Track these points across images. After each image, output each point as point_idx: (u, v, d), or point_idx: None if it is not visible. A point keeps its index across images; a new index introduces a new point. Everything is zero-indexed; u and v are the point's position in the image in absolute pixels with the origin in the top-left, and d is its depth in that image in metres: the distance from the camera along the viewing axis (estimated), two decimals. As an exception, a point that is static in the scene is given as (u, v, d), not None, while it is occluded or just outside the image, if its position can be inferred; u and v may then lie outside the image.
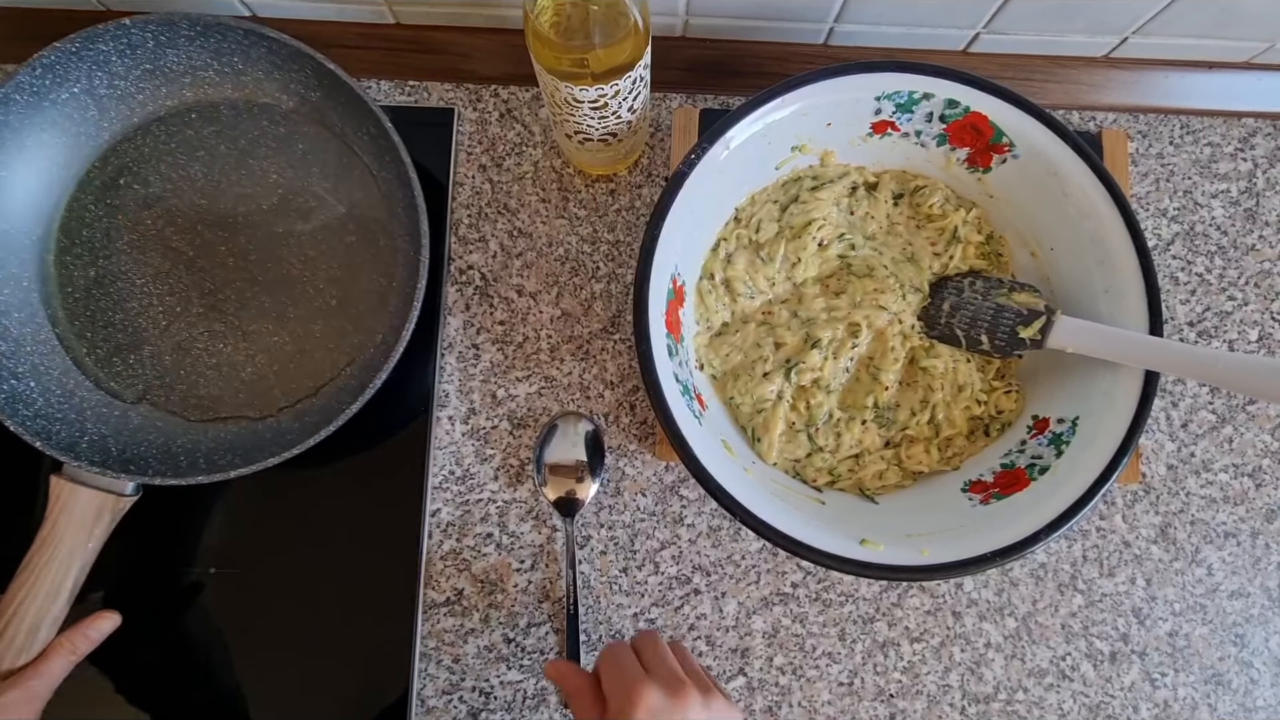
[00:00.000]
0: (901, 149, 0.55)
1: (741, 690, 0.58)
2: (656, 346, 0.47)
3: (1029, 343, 0.52)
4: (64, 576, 0.51)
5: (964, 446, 0.55)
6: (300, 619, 0.57)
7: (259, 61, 0.56)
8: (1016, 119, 0.51)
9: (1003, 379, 0.56)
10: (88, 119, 0.56)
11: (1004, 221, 0.56)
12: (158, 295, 0.58)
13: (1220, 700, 0.59)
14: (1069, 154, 0.50)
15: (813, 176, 0.56)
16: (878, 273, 0.55)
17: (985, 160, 0.54)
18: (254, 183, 0.59)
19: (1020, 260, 0.56)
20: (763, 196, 0.56)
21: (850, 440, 0.54)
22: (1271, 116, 0.66)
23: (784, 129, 0.52)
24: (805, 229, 0.55)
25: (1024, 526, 0.46)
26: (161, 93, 0.58)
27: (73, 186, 0.57)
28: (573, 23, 0.46)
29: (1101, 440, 0.48)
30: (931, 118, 0.53)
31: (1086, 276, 0.52)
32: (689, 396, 0.50)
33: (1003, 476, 0.51)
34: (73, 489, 0.51)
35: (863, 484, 0.54)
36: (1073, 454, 0.49)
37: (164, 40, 0.54)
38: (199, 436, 0.56)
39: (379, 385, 0.52)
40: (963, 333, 0.54)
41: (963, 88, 0.51)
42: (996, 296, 0.54)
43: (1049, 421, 0.51)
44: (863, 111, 0.52)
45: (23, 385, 0.53)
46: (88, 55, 0.53)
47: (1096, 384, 0.50)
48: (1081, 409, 0.50)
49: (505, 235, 0.63)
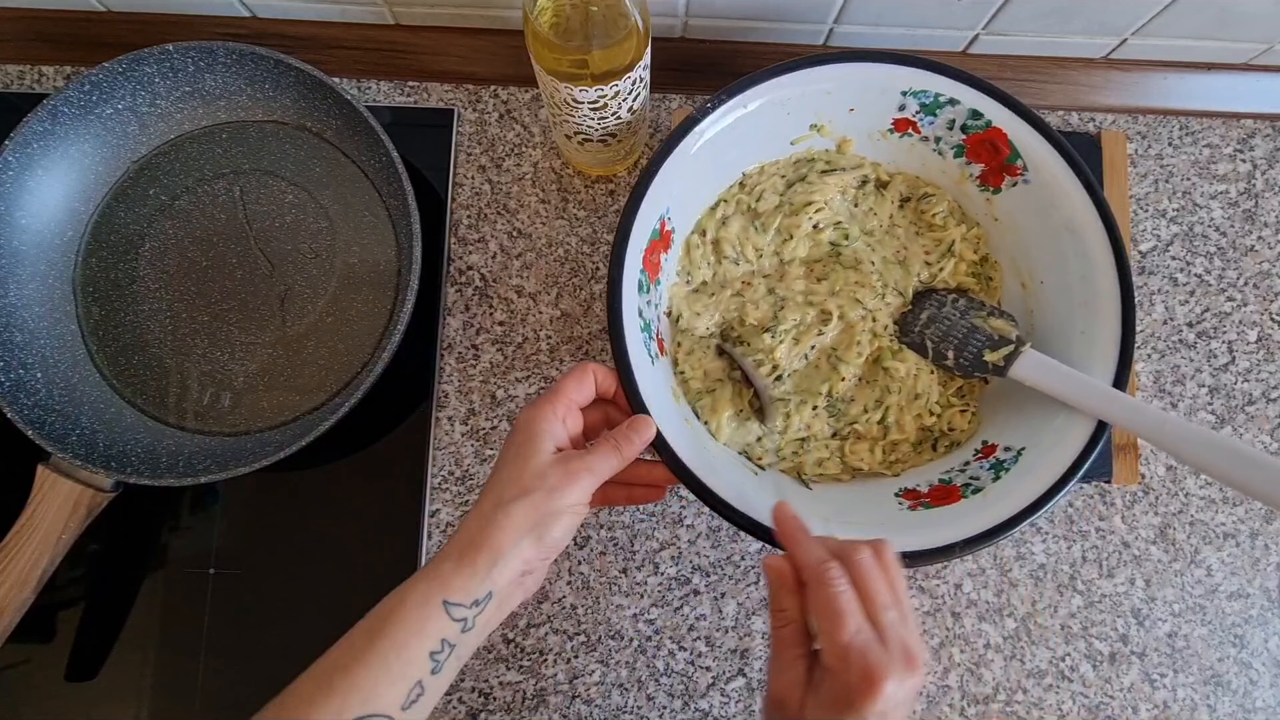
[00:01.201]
0: (919, 153, 0.55)
1: (741, 691, 0.58)
2: (628, 276, 0.48)
3: (991, 367, 0.52)
4: (34, 566, 0.52)
5: (908, 455, 0.54)
6: (300, 620, 0.57)
7: (287, 89, 0.60)
8: (1035, 143, 0.51)
9: (962, 398, 0.55)
10: (128, 134, 0.60)
11: (1002, 247, 0.56)
12: (167, 301, 0.60)
13: (1220, 701, 0.59)
14: (1079, 190, 0.50)
15: (826, 161, 0.56)
16: (864, 268, 0.55)
17: (997, 180, 0.54)
18: (271, 201, 0.61)
19: (1009, 289, 0.56)
20: (773, 168, 0.56)
21: (799, 423, 0.54)
22: (1270, 118, 0.66)
23: (806, 104, 0.52)
24: (804, 208, 0.55)
25: (939, 536, 0.46)
26: (198, 113, 0.61)
27: (107, 194, 0.60)
28: (572, 24, 0.46)
29: (1039, 473, 0.47)
30: (953, 125, 0.53)
31: (1068, 315, 0.51)
32: (648, 335, 0.50)
33: (937, 490, 0.51)
34: (55, 479, 0.53)
35: (802, 468, 0.54)
36: (1008, 481, 0.48)
37: (203, 65, 0.58)
38: (184, 440, 0.57)
39: (356, 400, 0.53)
40: (932, 345, 0.54)
41: (988, 100, 0.51)
42: (973, 317, 0.54)
43: (996, 448, 0.51)
44: (887, 104, 0.53)
45: (29, 375, 0.55)
46: (133, 75, 0.57)
47: (1051, 421, 0.49)
48: (1030, 441, 0.50)
49: (505, 236, 0.63)
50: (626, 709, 0.57)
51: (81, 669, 0.57)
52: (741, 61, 0.64)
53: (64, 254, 0.59)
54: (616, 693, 0.57)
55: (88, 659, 0.57)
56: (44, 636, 0.56)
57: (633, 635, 0.58)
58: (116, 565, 0.58)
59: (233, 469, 0.52)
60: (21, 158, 0.55)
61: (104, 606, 0.57)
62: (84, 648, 0.57)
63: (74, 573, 0.57)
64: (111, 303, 0.59)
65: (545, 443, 0.42)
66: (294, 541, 0.59)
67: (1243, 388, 0.62)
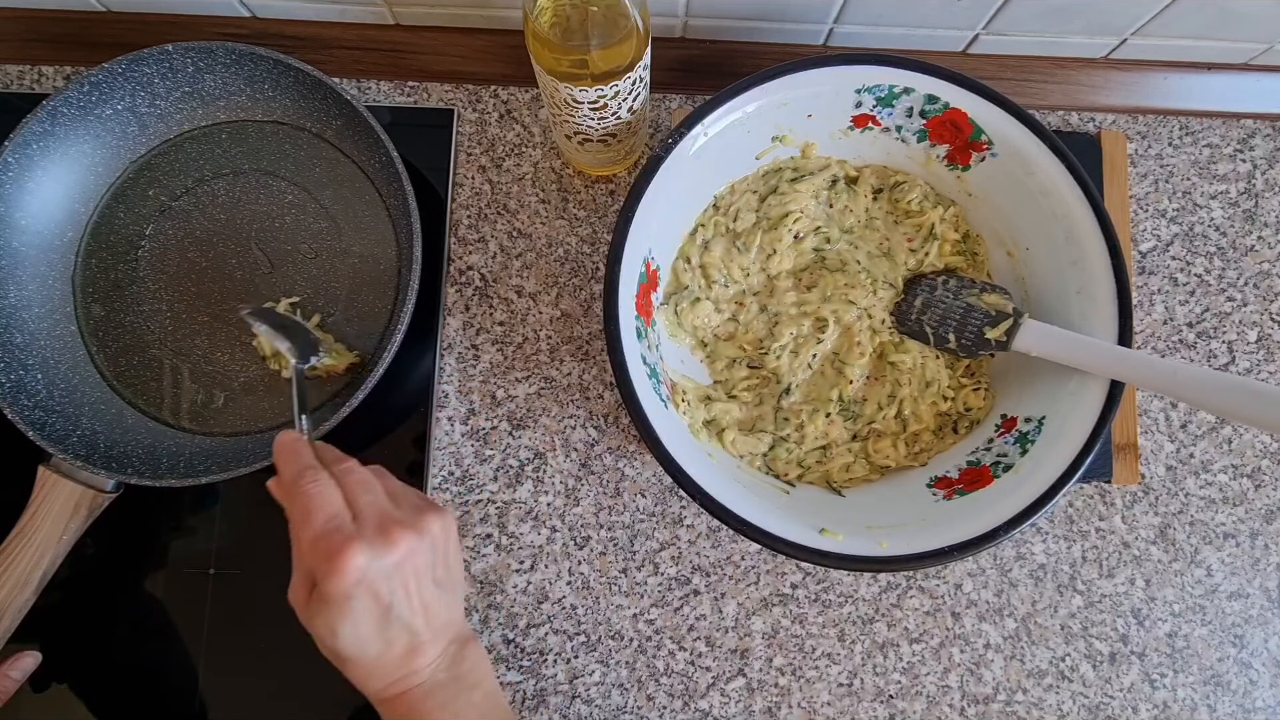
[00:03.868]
0: (882, 144, 0.55)
1: (741, 691, 0.58)
2: (625, 327, 0.48)
3: (995, 344, 0.52)
4: (34, 567, 0.52)
5: (931, 443, 0.55)
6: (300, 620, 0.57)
7: (287, 90, 0.59)
8: (995, 117, 0.51)
9: (972, 376, 0.56)
10: (128, 134, 0.60)
11: (981, 220, 0.56)
12: (168, 301, 0.60)
13: (1219, 701, 0.59)
14: (1046, 153, 0.51)
15: (793, 168, 0.56)
16: (850, 268, 0.56)
17: (964, 158, 0.54)
18: (271, 201, 0.61)
19: (996, 260, 0.56)
20: (743, 186, 0.57)
21: (814, 432, 0.54)
22: (1270, 118, 0.66)
23: (764, 119, 0.52)
24: (782, 221, 0.55)
25: (983, 522, 0.47)
26: (198, 113, 0.61)
27: (106, 195, 0.60)
28: (572, 24, 0.46)
29: (1066, 439, 0.48)
30: (912, 113, 0.53)
31: (1060, 277, 0.52)
32: (655, 379, 0.50)
33: (968, 473, 0.51)
34: (56, 480, 0.53)
35: (830, 476, 0.54)
36: (1037, 452, 0.49)
37: (203, 65, 0.58)
38: (185, 441, 0.57)
39: (357, 401, 0.53)
40: (931, 330, 0.55)
41: (942, 83, 0.51)
42: (967, 296, 0.54)
43: (1016, 420, 0.52)
44: (843, 104, 0.53)
45: (30, 376, 0.55)
46: (133, 75, 0.57)
47: (1065, 385, 0.50)
48: (1049, 409, 0.50)
49: (505, 236, 0.63)
50: (626, 709, 0.57)
51: (81, 669, 0.57)
52: (741, 61, 0.64)
53: (64, 255, 0.59)
54: (616, 693, 0.58)
55: (87, 659, 0.57)
56: (44, 637, 0.56)
57: (633, 635, 0.58)
58: (117, 566, 0.58)
59: (233, 469, 0.52)
60: (21, 158, 0.55)
61: (104, 607, 0.57)
62: (83, 648, 0.57)
63: (74, 573, 0.57)
64: (112, 303, 0.59)
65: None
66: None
67: (1243, 388, 0.62)
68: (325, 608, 0.38)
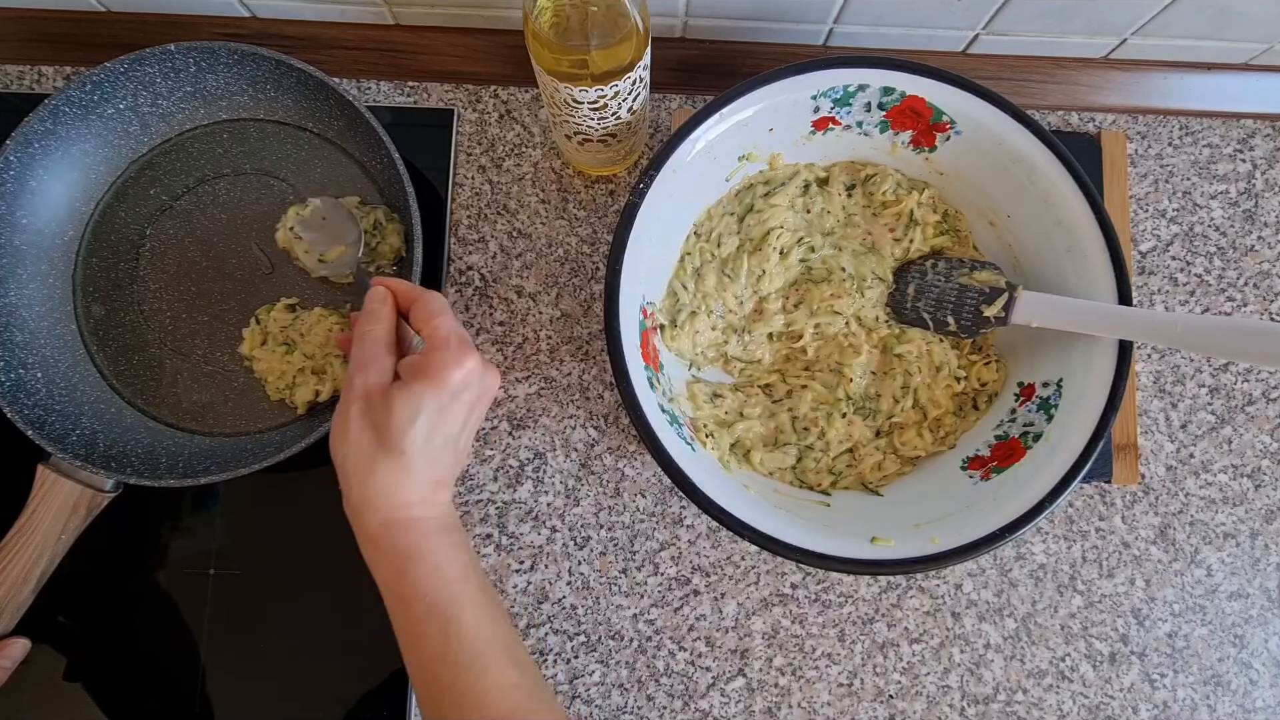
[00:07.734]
0: (847, 141, 0.55)
1: (741, 691, 0.58)
2: (637, 381, 0.47)
3: (994, 320, 0.52)
4: (33, 566, 0.52)
5: (955, 424, 0.55)
6: (300, 621, 0.57)
7: (289, 90, 0.59)
8: (952, 96, 0.51)
9: (980, 351, 0.56)
10: (129, 133, 0.60)
11: (958, 197, 0.56)
12: (168, 301, 0.60)
13: (1219, 701, 0.59)
14: (1008, 122, 0.51)
15: (764, 182, 0.56)
16: (835, 276, 0.56)
17: (929, 140, 0.54)
18: (272, 201, 0.61)
19: (980, 232, 0.57)
20: (718, 209, 0.56)
21: (836, 436, 0.54)
22: (1270, 118, 0.66)
23: (727, 141, 0.52)
24: (764, 240, 0.55)
25: (1027, 498, 0.47)
26: (200, 113, 0.61)
27: (108, 194, 0.60)
28: (572, 24, 0.46)
29: (1089, 399, 0.48)
30: (870, 107, 0.53)
31: (1047, 239, 0.52)
32: (678, 425, 0.50)
33: (999, 448, 0.51)
34: (55, 479, 0.53)
35: (864, 478, 0.54)
36: (1063, 417, 0.49)
37: (205, 65, 0.58)
38: (184, 441, 0.57)
39: None
40: (929, 316, 0.55)
41: (895, 74, 0.51)
42: (959, 277, 0.54)
43: (1035, 386, 0.52)
44: (801, 112, 0.53)
45: (29, 375, 0.55)
46: (135, 75, 0.57)
47: (1075, 344, 0.50)
48: (1064, 370, 0.50)
49: (505, 236, 0.63)
50: (626, 709, 0.57)
51: (81, 669, 0.57)
52: (742, 61, 0.64)
53: (64, 253, 0.59)
54: (616, 693, 0.57)
55: (87, 659, 0.57)
56: (44, 636, 0.56)
57: (633, 635, 0.58)
58: (116, 565, 0.58)
59: (233, 470, 0.52)
60: (23, 157, 0.55)
61: (104, 606, 0.57)
62: (83, 648, 0.57)
63: (74, 573, 0.57)
64: (112, 302, 0.59)
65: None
66: (294, 542, 0.58)
67: (1243, 388, 0.62)
68: (425, 389, 0.40)
